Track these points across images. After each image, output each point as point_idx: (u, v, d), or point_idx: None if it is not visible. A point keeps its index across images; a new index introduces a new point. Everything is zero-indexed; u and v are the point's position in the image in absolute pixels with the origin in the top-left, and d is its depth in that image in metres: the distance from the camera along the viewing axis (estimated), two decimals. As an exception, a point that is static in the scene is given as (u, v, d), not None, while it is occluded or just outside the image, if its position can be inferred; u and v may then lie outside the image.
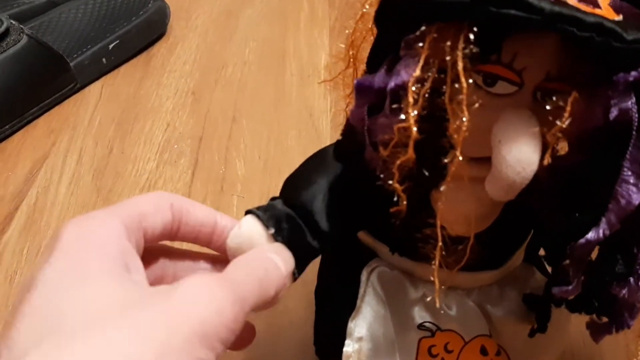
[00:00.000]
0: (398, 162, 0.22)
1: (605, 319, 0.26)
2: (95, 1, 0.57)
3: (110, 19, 0.57)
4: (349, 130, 0.25)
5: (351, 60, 0.27)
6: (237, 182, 0.47)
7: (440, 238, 0.23)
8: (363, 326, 0.27)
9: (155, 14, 0.60)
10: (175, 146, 0.50)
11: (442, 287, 0.26)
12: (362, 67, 0.27)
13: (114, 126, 0.52)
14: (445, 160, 0.21)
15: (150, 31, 0.60)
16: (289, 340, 0.36)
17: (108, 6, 0.58)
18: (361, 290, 0.28)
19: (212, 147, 0.50)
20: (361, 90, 0.23)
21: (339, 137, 0.26)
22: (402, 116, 0.21)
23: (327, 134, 0.52)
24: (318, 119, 0.53)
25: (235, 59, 0.60)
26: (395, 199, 0.23)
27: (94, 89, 0.55)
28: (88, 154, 0.49)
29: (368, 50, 0.25)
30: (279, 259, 0.23)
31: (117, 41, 0.57)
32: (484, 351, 0.28)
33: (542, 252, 0.29)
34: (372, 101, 0.23)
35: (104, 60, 0.56)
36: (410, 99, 0.21)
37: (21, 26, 0.51)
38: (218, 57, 0.60)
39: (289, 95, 0.56)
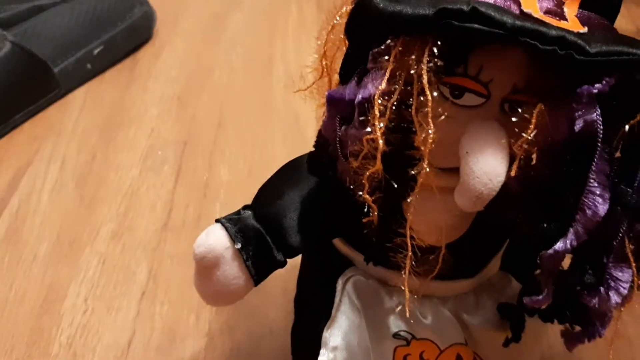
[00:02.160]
0: (367, 173, 0.22)
1: (578, 328, 0.26)
2: (80, 6, 0.57)
3: (95, 25, 0.57)
4: (322, 141, 0.25)
5: (324, 70, 0.27)
6: (221, 188, 0.47)
7: (409, 248, 0.23)
8: (338, 335, 0.27)
9: (141, 19, 0.60)
10: (159, 152, 0.50)
11: (416, 295, 0.26)
12: (337, 77, 0.27)
13: (98, 133, 0.52)
14: (413, 172, 0.21)
15: (135, 36, 0.60)
16: (269, 349, 0.36)
17: (94, 11, 0.57)
18: (336, 300, 0.28)
19: (197, 153, 0.50)
20: (332, 102, 0.23)
21: (312, 149, 0.26)
22: (369, 128, 0.21)
23: (313, 140, 0.52)
24: (304, 125, 0.53)
25: (222, 64, 0.60)
26: (366, 209, 0.23)
27: (78, 94, 0.55)
28: (71, 161, 0.49)
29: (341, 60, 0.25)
30: None
31: (102, 47, 0.56)
32: (460, 360, 0.28)
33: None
34: (343, 113, 0.23)
35: (88, 65, 0.56)
36: (377, 112, 0.21)
37: (4, 33, 0.50)
38: (204, 62, 0.60)
39: (276, 101, 0.56)
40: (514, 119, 0.21)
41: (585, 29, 0.21)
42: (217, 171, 0.48)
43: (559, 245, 0.22)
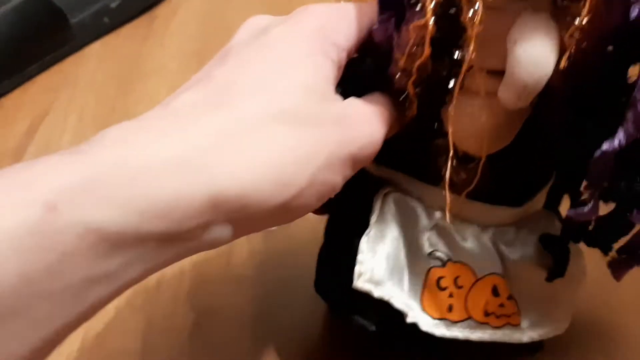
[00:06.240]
0: (417, 62, 0.21)
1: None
2: (98, -41, 0.56)
3: (113, -22, 0.56)
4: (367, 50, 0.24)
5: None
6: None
7: (451, 147, 0.22)
8: (376, 243, 0.26)
9: (159, -24, 0.59)
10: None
11: (457, 217, 0.25)
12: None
13: (116, 85, 0.51)
14: (458, 53, 0.20)
15: (153, -8, 0.59)
16: (300, 294, 0.34)
17: (111, -36, 0.57)
18: (374, 213, 0.26)
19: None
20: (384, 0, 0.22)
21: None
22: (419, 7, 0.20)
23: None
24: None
25: (241, 21, 0.58)
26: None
27: (94, 48, 0.54)
28: (89, 112, 0.48)
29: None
30: None
31: (120, 0, 0.56)
32: (495, 292, 0.27)
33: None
34: (394, 12, 0.22)
35: (105, 19, 0.55)
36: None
37: (22, -20, 0.50)
38: (223, 18, 0.59)
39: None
40: (565, 4, 0.20)
41: None
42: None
43: (606, 146, 0.21)
